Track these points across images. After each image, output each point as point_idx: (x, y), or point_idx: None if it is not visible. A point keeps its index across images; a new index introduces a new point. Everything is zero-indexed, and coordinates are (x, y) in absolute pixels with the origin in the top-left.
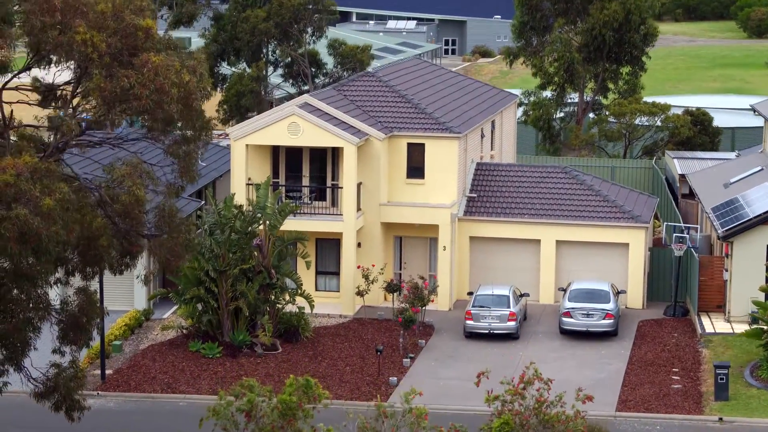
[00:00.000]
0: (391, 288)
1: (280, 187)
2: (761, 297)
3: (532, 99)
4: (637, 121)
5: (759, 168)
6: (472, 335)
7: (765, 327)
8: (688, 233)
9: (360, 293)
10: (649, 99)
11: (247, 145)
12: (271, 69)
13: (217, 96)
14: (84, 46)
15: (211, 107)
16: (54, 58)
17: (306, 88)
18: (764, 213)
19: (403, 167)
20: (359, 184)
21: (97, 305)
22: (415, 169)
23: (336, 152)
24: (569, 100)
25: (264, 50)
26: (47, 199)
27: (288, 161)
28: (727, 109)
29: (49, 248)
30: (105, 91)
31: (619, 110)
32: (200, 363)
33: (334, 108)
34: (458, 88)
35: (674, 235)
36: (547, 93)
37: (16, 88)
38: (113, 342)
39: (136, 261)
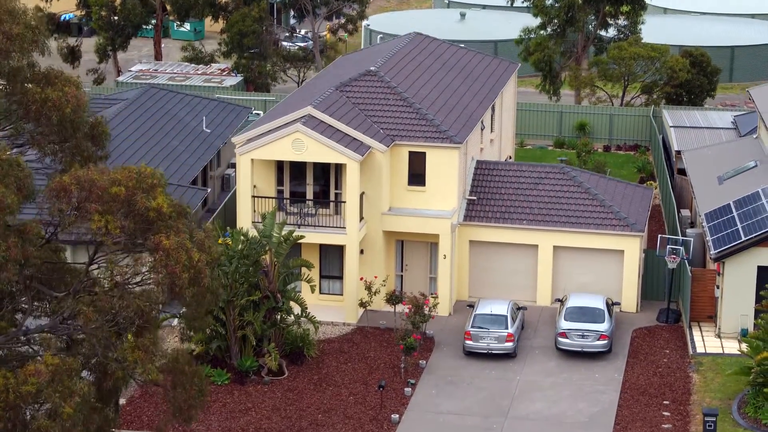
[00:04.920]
0: (393, 300)
1: (285, 201)
2: (750, 313)
3: (532, 38)
4: (636, 67)
5: (753, 164)
6: (471, 354)
7: (752, 366)
8: (681, 245)
9: (363, 304)
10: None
11: (252, 159)
12: None
13: (219, 24)
14: (99, 233)
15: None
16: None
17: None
18: (755, 236)
19: (405, 174)
20: (362, 194)
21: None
22: (416, 176)
23: (340, 163)
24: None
25: None
26: (67, 407)
27: (292, 171)
28: (726, 16)
29: None
30: (120, 276)
31: (619, 54)
32: (209, 391)
33: (337, 119)
34: (458, 71)
35: (668, 247)
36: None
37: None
38: None
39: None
